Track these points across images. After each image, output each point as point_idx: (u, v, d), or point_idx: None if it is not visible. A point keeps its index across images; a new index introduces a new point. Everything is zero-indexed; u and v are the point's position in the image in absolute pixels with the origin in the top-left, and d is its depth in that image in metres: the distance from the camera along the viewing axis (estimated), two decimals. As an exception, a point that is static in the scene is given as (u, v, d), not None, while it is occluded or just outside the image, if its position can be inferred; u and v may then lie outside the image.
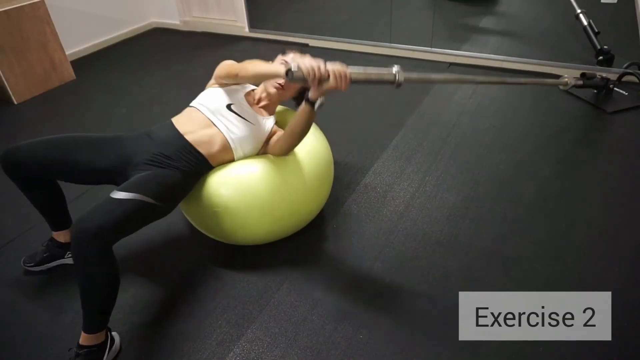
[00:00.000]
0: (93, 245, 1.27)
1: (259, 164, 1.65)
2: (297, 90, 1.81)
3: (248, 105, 1.73)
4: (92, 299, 1.33)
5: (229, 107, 1.69)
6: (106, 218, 1.28)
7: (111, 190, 1.38)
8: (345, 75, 1.38)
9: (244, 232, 1.69)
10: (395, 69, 1.48)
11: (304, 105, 1.49)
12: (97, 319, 1.36)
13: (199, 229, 1.79)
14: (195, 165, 1.59)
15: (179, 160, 1.55)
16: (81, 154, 1.53)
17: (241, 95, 1.76)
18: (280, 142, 1.64)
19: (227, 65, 1.71)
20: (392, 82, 1.48)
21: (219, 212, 1.62)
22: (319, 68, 1.36)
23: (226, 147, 1.65)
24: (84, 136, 1.59)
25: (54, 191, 1.66)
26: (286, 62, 1.62)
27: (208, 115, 1.66)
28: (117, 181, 1.53)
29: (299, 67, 1.36)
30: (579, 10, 3.09)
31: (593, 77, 2.66)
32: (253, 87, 1.84)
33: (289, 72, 1.37)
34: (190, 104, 1.74)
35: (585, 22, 3.06)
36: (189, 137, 1.60)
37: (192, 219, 1.78)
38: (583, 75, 2.61)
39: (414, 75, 1.58)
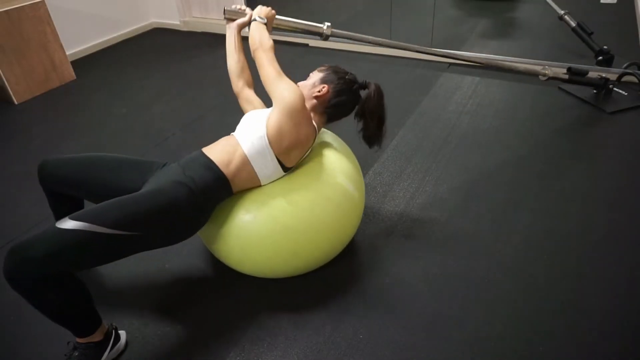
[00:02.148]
0: (20, 275, 1.14)
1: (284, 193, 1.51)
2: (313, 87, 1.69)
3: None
4: (54, 320, 1.27)
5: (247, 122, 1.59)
6: (37, 250, 1.14)
7: None
8: (269, 10, 1.68)
9: (257, 266, 1.58)
10: (325, 25, 1.84)
11: (251, 24, 1.66)
12: (76, 329, 1.33)
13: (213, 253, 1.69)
14: (211, 184, 1.43)
15: (186, 170, 1.43)
16: (100, 173, 1.50)
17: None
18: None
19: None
20: (320, 34, 1.85)
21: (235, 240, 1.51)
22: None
23: (239, 153, 1.47)
24: (106, 156, 1.55)
25: (78, 206, 1.64)
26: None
27: (235, 134, 1.57)
28: None
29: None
30: (562, 12, 3.07)
31: (582, 72, 2.64)
32: None
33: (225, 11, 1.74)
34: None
35: (573, 24, 3.04)
36: (208, 153, 1.49)
37: (207, 242, 1.65)
38: (569, 69, 2.60)
39: (343, 32, 1.93)
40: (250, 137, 1.48)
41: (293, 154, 1.50)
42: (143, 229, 1.27)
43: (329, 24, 1.77)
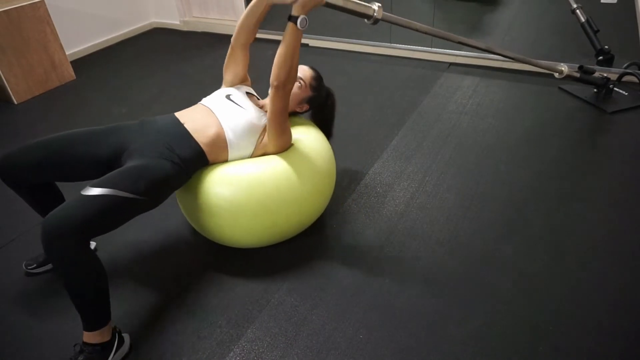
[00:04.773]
0: (61, 243, 1.22)
1: (259, 164, 1.65)
2: (300, 103, 1.86)
3: (247, 98, 1.76)
4: (77, 297, 1.30)
5: (227, 97, 1.73)
6: (74, 217, 1.24)
7: None
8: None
9: (242, 235, 1.69)
10: (375, 5, 1.57)
11: (288, 25, 1.51)
12: (91, 317, 1.35)
13: (200, 231, 1.79)
14: (190, 156, 1.58)
15: (174, 150, 1.55)
16: (76, 149, 1.52)
17: (243, 91, 1.80)
18: (274, 70, 1.58)
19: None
20: (370, 17, 1.58)
21: (217, 213, 1.62)
22: None
23: (220, 135, 1.64)
24: (77, 132, 1.58)
25: (53, 193, 1.66)
26: None
27: (209, 106, 1.70)
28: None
29: None
30: (575, 6, 3.07)
31: (592, 71, 2.65)
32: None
33: None
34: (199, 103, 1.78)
35: (582, 19, 3.04)
36: (187, 126, 1.62)
37: (192, 221, 1.78)
38: (581, 67, 2.61)
39: (393, 16, 1.68)
40: (239, 143, 1.67)
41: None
42: (150, 195, 1.43)
43: (379, 4, 1.53)
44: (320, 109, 1.96)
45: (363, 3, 1.52)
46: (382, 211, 2.00)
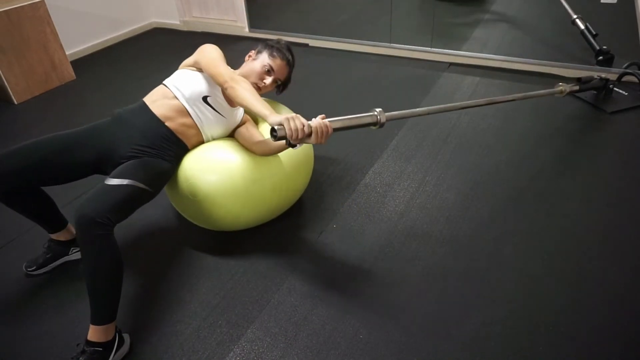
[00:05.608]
0: (96, 230, 1.29)
1: (234, 148, 1.72)
2: (273, 86, 1.86)
3: (224, 100, 1.74)
4: (100, 285, 1.34)
5: (205, 99, 1.70)
6: (103, 202, 1.33)
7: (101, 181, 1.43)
8: (327, 131, 1.39)
9: (227, 217, 1.73)
10: (376, 111, 1.54)
11: (283, 143, 1.46)
12: (106, 309, 1.36)
13: (188, 218, 1.84)
14: (177, 151, 1.67)
15: (164, 149, 1.62)
16: (59, 154, 1.52)
17: (218, 88, 1.73)
18: (257, 148, 1.70)
19: (211, 61, 1.67)
20: (375, 124, 1.54)
21: (199, 199, 1.68)
22: (302, 129, 1.35)
23: (199, 137, 1.74)
24: (58, 135, 1.57)
25: (41, 197, 1.64)
26: (272, 118, 1.45)
27: (183, 102, 1.68)
28: (106, 170, 1.57)
29: (282, 127, 1.34)
30: (575, 16, 3.10)
31: (590, 79, 2.65)
32: None
33: (273, 131, 1.35)
34: (164, 82, 1.76)
35: (582, 27, 3.06)
36: (169, 124, 1.65)
37: (179, 207, 1.83)
38: (579, 80, 2.61)
39: (395, 113, 1.66)
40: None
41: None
42: (154, 187, 1.53)
43: (380, 109, 1.53)
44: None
45: (364, 114, 1.52)
46: (382, 211, 2.00)
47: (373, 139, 2.52)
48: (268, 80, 1.79)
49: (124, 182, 1.42)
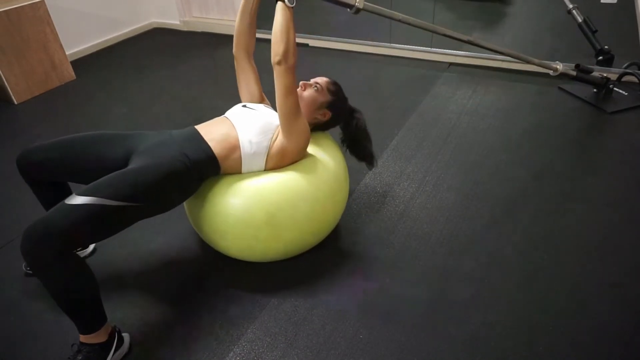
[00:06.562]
0: (38, 254, 1.19)
1: (273, 177, 1.60)
2: (320, 108, 1.76)
3: (262, 105, 1.79)
4: (60, 303, 1.28)
5: (244, 106, 1.74)
6: (53, 226, 1.20)
7: None
8: None
9: (244, 249, 1.65)
10: None
11: (277, 5, 1.50)
12: (81, 322, 1.33)
13: (207, 241, 1.75)
14: (200, 158, 1.51)
15: (184, 150, 1.49)
16: (91, 151, 1.53)
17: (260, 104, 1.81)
18: (272, 48, 1.50)
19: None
20: (352, 7, 1.62)
21: (225, 224, 1.58)
22: None
23: (233, 137, 1.57)
24: (97, 134, 1.59)
25: (64, 192, 1.65)
26: None
27: (226, 115, 1.70)
28: None
29: None
30: (571, 6, 3.05)
31: (589, 71, 2.64)
32: None
33: None
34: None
35: (579, 19, 3.02)
36: (200, 130, 1.61)
37: (199, 230, 1.72)
38: (577, 66, 2.60)
39: (375, 7, 1.74)
40: (251, 139, 1.58)
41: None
42: (144, 200, 1.36)
43: None
44: (347, 124, 1.88)
45: None
46: (382, 211, 2.00)
47: (373, 139, 2.52)
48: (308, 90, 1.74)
49: (87, 200, 1.26)
